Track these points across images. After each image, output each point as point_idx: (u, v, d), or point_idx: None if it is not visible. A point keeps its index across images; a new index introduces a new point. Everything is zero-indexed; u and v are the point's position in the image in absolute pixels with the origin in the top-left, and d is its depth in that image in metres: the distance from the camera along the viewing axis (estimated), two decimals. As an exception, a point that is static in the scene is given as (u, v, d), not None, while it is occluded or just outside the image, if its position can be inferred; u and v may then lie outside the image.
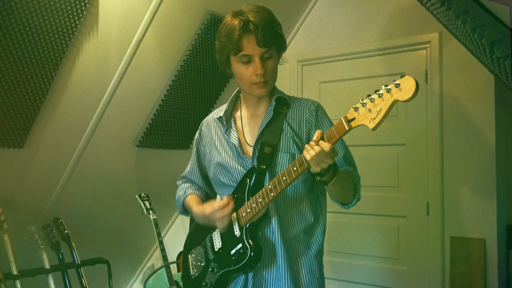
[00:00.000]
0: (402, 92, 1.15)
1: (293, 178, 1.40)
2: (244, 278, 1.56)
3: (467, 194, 2.79)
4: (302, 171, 1.38)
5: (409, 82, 1.14)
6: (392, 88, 1.17)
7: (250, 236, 1.50)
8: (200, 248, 1.70)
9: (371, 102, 1.22)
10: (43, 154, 2.60)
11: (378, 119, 1.21)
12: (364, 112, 1.24)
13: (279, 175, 1.43)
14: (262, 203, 1.47)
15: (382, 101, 1.20)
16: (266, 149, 1.54)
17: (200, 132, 1.78)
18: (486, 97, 2.73)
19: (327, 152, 1.29)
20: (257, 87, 1.53)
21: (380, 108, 1.20)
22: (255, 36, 1.45)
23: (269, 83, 1.54)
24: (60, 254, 2.64)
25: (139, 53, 2.65)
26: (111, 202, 3.14)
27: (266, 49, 1.48)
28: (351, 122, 1.27)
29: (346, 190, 1.53)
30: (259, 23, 1.46)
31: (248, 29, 1.46)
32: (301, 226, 1.57)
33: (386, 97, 1.19)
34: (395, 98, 1.17)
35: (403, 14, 3.00)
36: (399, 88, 1.16)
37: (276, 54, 1.55)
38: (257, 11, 1.49)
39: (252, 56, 1.48)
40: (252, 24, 1.45)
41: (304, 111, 1.61)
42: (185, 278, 1.77)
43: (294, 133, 1.58)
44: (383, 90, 1.19)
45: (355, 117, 1.26)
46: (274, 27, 1.51)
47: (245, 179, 1.55)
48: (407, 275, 2.98)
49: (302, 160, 1.37)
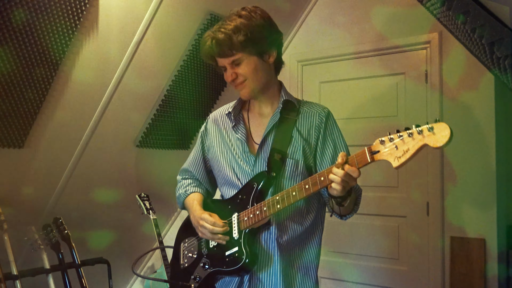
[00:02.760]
0: (435, 137, 1.12)
1: (304, 196, 1.40)
2: (239, 280, 1.56)
3: (467, 194, 2.78)
4: (314, 191, 1.38)
5: (444, 129, 1.11)
6: (424, 130, 1.14)
7: (248, 242, 1.50)
8: (194, 240, 1.69)
9: (399, 139, 1.19)
10: (43, 154, 2.60)
11: (403, 159, 1.18)
12: (390, 148, 1.21)
13: (289, 189, 1.42)
14: (266, 213, 1.47)
15: (412, 141, 1.16)
16: (276, 156, 1.54)
17: (206, 125, 1.78)
18: (486, 97, 2.72)
19: (355, 177, 1.29)
20: (239, 90, 1.60)
21: (408, 148, 1.17)
22: (212, 50, 1.52)
23: (249, 85, 1.57)
24: (60, 254, 2.64)
25: (139, 53, 2.65)
26: (111, 202, 3.14)
27: (228, 58, 1.53)
28: (374, 155, 1.25)
29: (350, 206, 1.52)
30: (214, 36, 1.51)
31: (208, 46, 1.53)
32: (298, 233, 1.56)
33: (417, 139, 1.15)
34: (426, 142, 1.14)
35: (403, 14, 3.00)
36: (432, 132, 1.13)
37: (250, 57, 1.54)
38: (230, 19, 1.53)
39: (224, 66, 1.57)
40: (209, 40, 1.52)
41: (314, 117, 1.61)
42: (173, 264, 1.77)
43: (304, 140, 1.57)
44: (414, 131, 1.16)
45: (379, 150, 1.24)
46: (231, 35, 1.50)
47: (253, 183, 1.54)
48: (407, 275, 2.98)
49: (316, 180, 1.36)
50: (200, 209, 1.63)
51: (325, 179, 1.34)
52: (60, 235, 2.69)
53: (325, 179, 1.34)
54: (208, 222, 1.54)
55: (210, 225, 1.53)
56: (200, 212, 1.61)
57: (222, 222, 1.54)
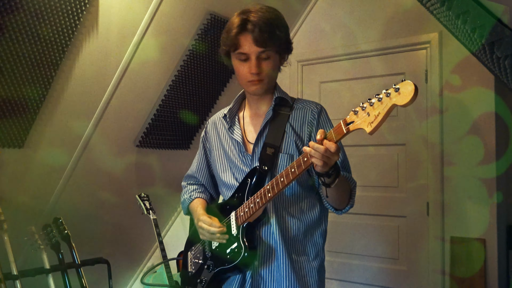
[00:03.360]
0: (401, 96, 1.14)
1: (291, 179, 1.40)
2: (241, 277, 1.57)
3: (467, 194, 2.78)
4: (300, 172, 1.38)
5: (408, 87, 1.13)
6: (391, 92, 1.16)
7: (246, 236, 1.51)
8: (199, 246, 1.72)
9: (370, 106, 1.21)
10: (43, 154, 2.60)
11: (375, 123, 1.19)
12: (363, 116, 1.23)
13: (277, 176, 1.44)
14: (259, 203, 1.48)
15: (381, 105, 1.19)
16: (268, 150, 1.55)
17: (206, 130, 1.81)
18: (486, 97, 2.73)
19: (333, 151, 1.29)
20: (251, 84, 1.56)
21: (378, 112, 1.19)
22: (252, 35, 1.48)
23: (264, 82, 1.56)
24: (60, 254, 2.63)
25: (139, 53, 2.65)
26: (111, 202, 3.14)
27: (262, 49, 1.50)
28: (349, 126, 1.27)
29: (343, 195, 1.54)
30: (258, 23, 1.47)
31: (246, 28, 1.48)
32: (299, 228, 1.57)
33: (385, 101, 1.18)
34: (393, 102, 1.16)
35: (403, 14, 3.00)
36: (398, 92, 1.15)
37: (275, 56, 1.55)
38: (261, 11, 1.51)
39: (249, 54, 1.51)
40: (250, 24, 1.48)
41: (307, 113, 1.61)
42: (183, 274, 1.80)
43: (296, 135, 1.58)
44: (383, 94, 1.18)
45: (353, 121, 1.25)
46: (274, 28, 1.51)
47: (247, 179, 1.57)
48: (407, 275, 2.98)
49: (300, 162, 1.37)
50: (202, 212, 1.66)
51: (308, 159, 1.34)
52: (60, 235, 2.68)
53: (308, 159, 1.34)
54: (206, 223, 1.56)
55: (207, 226, 1.55)
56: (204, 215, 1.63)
57: (219, 223, 1.56)
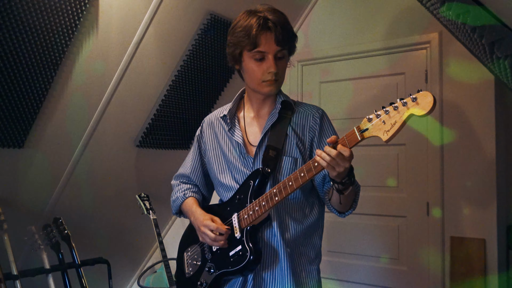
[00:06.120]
0: (419, 107, 1.15)
1: (300, 184, 1.39)
2: (242, 279, 1.56)
3: (467, 194, 2.78)
4: (310, 177, 1.37)
5: (427, 97, 1.13)
6: (408, 101, 1.17)
7: (250, 239, 1.49)
8: (197, 247, 1.68)
9: (385, 114, 1.21)
10: (43, 154, 2.60)
11: (392, 131, 1.20)
12: (378, 124, 1.23)
13: (285, 180, 1.42)
14: (265, 207, 1.46)
15: (397, 114, 1.19)
16: (271, 153, 1.54)
17: (202, 129, 1.77)
18: (486, 97, 2.72)
19: (346, 156, 1.28)
20: (266, 85, 1.53)
21: (395, 121, 1.19)
22: (274, 34, 1.47)
23: (279, 82, 1.55)
24: (60, 254, 2.64)
25: (139, 53, 2.65)
26: (111, 202, 3.14)
27: (280, 48, 1.49)
28: (363, 133, 1.26)
29: (350, 199, 1.52)
30: (278, 21, 1.48)
31: (267, 27, 1.47)
32: (300, 230, 1.57)
33: (402, 110, 1.18)
34: (411, 112, 1.16)
35: (403, 14, 3.00)
36: (416, 102, 1.15)
37: (288, 56, 1.57)
38: (273, 11, 1.52)
39: (266, 53, 1.49)
40: (271, 22, 1.47)
41: (308, 118, 1.61)
42: (179, 276, 1.76)
43: (298, 139, 1.58)
44: (398, 103, 1.19)
45: (368, 128, 1.25)
46: (291, 28, 1.53)
47: (249, 181, 1.55)
48: (407, 275, 2.98)
49: (310, 166, 1.36)
50: (202, 212, 1.62)
51: (318, 164, 1.33)
52: (60, 235, 2.69)
53: (318, 164, 1.33)
54: (211, 228, 1.52)
55: (212, 234, 1.52)
56: (203, 216, 1.59)
57: (225, 227, 1.52)
